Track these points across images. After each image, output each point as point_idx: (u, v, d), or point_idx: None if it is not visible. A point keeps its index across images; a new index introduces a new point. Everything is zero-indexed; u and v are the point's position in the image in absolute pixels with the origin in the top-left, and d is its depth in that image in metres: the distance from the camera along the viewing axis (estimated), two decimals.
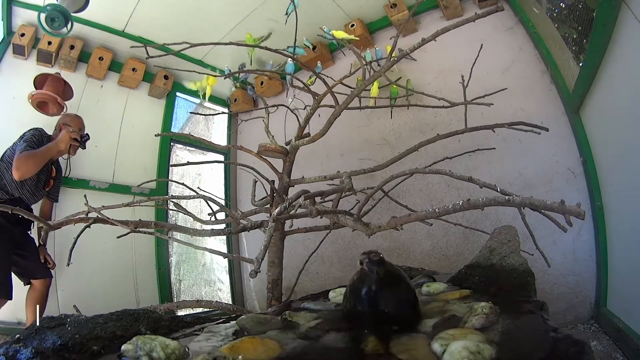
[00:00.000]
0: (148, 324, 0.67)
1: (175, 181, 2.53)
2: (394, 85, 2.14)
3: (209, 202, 1.79)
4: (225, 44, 1.63)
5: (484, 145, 1.89)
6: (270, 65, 2.63)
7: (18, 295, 1.80)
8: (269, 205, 1.70)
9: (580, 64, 1.65)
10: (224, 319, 0.78)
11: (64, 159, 2.21)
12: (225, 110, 3.31)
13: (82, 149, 2.11)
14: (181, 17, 2.47)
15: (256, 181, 1.86)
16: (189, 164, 2.60)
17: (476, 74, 1.75)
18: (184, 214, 1.78)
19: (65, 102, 2.21)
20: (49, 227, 1.20)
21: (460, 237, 2.08)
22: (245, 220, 1.66)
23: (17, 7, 2.25)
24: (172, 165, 2.92)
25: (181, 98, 3.13)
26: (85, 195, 1.49)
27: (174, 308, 1.71)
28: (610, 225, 1.56)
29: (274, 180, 1.66)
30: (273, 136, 1.90)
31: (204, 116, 3.25)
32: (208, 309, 1.97)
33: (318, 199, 1.56)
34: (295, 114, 2.05)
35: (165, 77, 2.82)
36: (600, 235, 1.63)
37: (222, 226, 1.79)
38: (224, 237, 3.06)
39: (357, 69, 1.87)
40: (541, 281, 1.33)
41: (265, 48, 1.63)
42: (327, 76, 1.88)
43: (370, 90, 2.35)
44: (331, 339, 0.61)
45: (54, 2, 1.97)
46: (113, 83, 2.69)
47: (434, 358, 0.50)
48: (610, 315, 1.49)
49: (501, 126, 1.63)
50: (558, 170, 1.88)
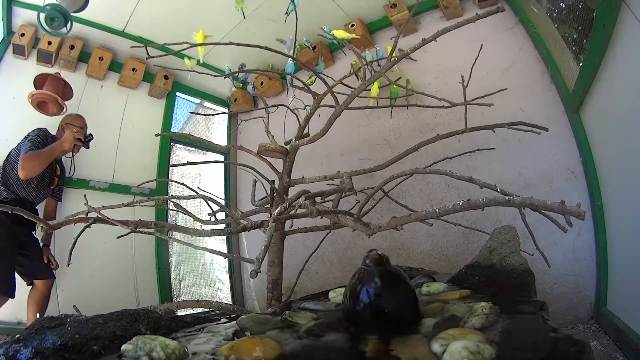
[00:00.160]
0: (148, 324, 0.67)
1: (175, 181, 2.53)
2: (394, 85, 2.14)
3: (209, 202, 1.79)
4: (225, 44, 1.62)
5: (484, 145, 1.89)
6: (290, 41, 2.40)
7: (19, 295, 1.80)
8: (269, 205, 1.70)
9: (580, 64, 1.65)
10: (224, 319, 0.78)
11: (68, 158, 2.23)
12: (225, 110, 3.31)
13: (86, 149, 2.14)
14: (181, 17, 2.47)
15: (256, 181, 1.86)
16: (189, 164, 2.60)
17: (476, 74, 1.75)
18: (184, 214, 1.78)
19: (65, 102, 2.21)
20: (49, 227, 1.20)
21: (460, 237, 2.08)
22: (245, 220, 1.66)
23: (17, 7, 2.25)
24: (172, 165, 2.92)
25: (181, 98, 3.14)
26: (85, 195, 1.49)
27: (174, 308, 1.71)
28: (610, 225, 1.56)
29: (274, 180, 1.66)
30: (273, 136, 1.89)
31: (204, 116, 3.25)
32: (208, 309, 1.97)
33: (318, 199, 1.57)
34: (295, 114, 2.05)
35: (165, 77, 2.82)
36: (600, 235, 1.63)
37: (222, 226, 1.79)
38: (224, 237, 3.06)
39: (358, 69, 1.87)
40: (541, 281, 1.33)
41: (266, 48, 1.63)
42: (327, 76, 1.87)
43: (371, 90, 2.35)
44: (331, 339, 0.61)
45: (54, 2, 1.97)
46: (113, 83, 2.69)
47: (434, 358, 0.50)
48: (610, 315, 1.49)
49: (501, 126, 1.63)
50: (558, 170, 1.88)
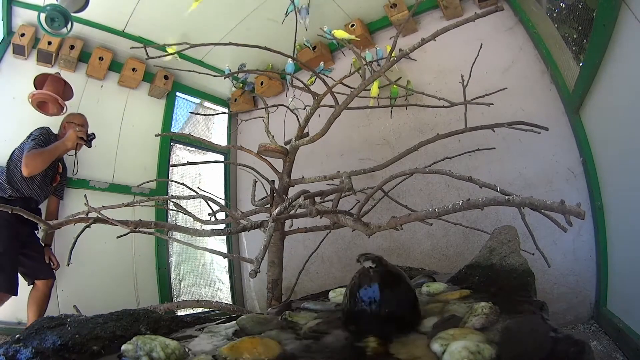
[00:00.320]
0: (148, 324, 0.67)
1: (175, 181, 2.53)
2: (394, 85, 2.14)
3: (209, 202, 1.79)
4: (225, 44, 1.62)
5: (484, 145, 1.89)
6: (305, 11, 2.25)
7: (20, 294, 1.80)
8: (269, 205, 1.70)
9: (580, 64, 1.65)
10: (224, 319, 0.78)
11: (70, 156, 2.24)
12: (225, 110, 3.31)
13: (88, 148, 2.16)
14: (181, 17, 2.47)
15: (256, 181, 1.86)
16: (189, 164, 2.60)
17: (476, 74, 1.74)
18: (184, 214, 1.78)
19: (65, 102, 2.21)
20: (49, 227, 1.19)
21: (460, 237, 2.08)
22: (245, 220, 1.66)
23: (17, 7, 2.25)
24: (172, 165, 2.92)
25: (181, 98, 3.14)
26: (85, 195, 1.49)
27: (174, 308, 1.71)
28: (610, 225, 1.56)
29: (274, 180, 1.66)
30: (273, 136, 1.89)
31: (204, 116, 3.25)
32: (208, 309, 1.97)
33: (318, 199, 1.57)
34: (295, 114, 2.05)
35: (165, 77, 2.82)
36: (600, 235, 1.63)
37: (222, 226, 1.79)
38: (224, 237, 3.06)
39: (358, 69, 1.87)
40: (541, 281, 1.33)
41: (265, 48, 1.63)
42: (327, 76, 1.87)
43: (371, 90, 2.35)
44: (331, 339, 0.61)
45: (54, 3, 1.97)
46: (113, 83, 2.69)
47: (434, 358, 0.50)
48: (610, 315, 1.49)
49: (501, 126, 1.63)
50: (558, 170, 1.88)
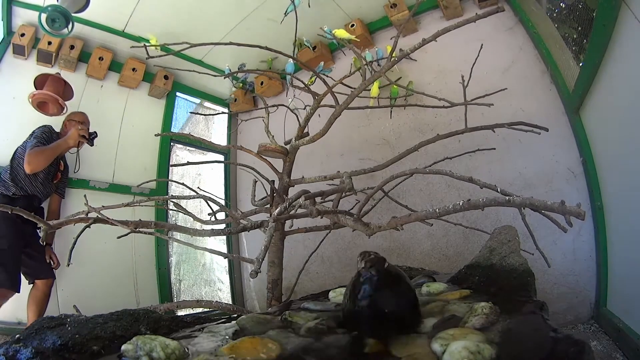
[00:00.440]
0: (148, 324, 0.67)
1: (175, 181, 2.52)
2: (394, 85, 2.14)
3: (209, 202, 1.79)
4: (225, 44, 1.62)
5: (484, 145, 1.89)
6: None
7: (19, 294, 1.80)
8: (269, 205, 1.70)
9: (580, 64, 1.65)
10: (224, 319, 0.78)
11: (72, 154, 2.25)
12: (225, 110, 3.31)
13: (90, 146, 2.17)
14: (181, 17, 2.47)
15: (256, 181, 1.86)
16: (189, 164, 2.60)
17: (476, 74, 1.74)
18: (184, 214, 1.77)
19: (66, 102, 2.21)
20: (49, 227, 1.19)
21: (460, 237, 2.08)
22: (245, 220, 1.66)
23: (17, 7, 2.25)
24: (172, 165, 2.92)
25: (181, 98, 3.14)
26: (85, 195, 1.49)
27: (174, 308, 1.71)
28: (610, 225, 1.56)
29: (274, 180, 1.66)
30: (273, 136, 1.89)
31: (204, 116, 3.25)
32: (208, 309, 1.97)
33: (318, 199, 1.56)
34: (295, 114, 2.05)
35: (165, 77, 2.82)
36: (600, 235, 1.63)
37: (222, 226, 1.79)
38: (224, 237, 3.06)
39: (358, 68, 1.87)
40: (541, 281, 1.33)
41: (266, 48, 1.63)
42: (327, 76, 1.87)
43: (371, 90, 2.35)
44: (331, 339, 0.61)
45: (55, 3, 1.97)
46: (113, 83, 2.69)
47: (434, 358, 0.50)
48: (610, 315, 1.48)
49: (501, 126, 1.63)
50: (558, 170, 1.88)
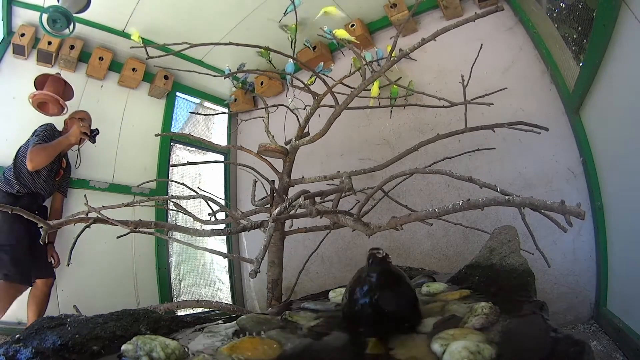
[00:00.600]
0: (148, 324, 0.67)
1: (175, 181, 2.52)
2: (394, 85, 2.14)
3: (209, 202, 1.79)
4: (225, 44, 1.62)
5: (484, 145, 1.89)
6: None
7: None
8: (269, 205, 1.70)
9: (580, 64, 1.65)
10: (224, 319, 0.78)
11: (73, 152, 2.25)
12: (225, 110, 3.31)
13: (92, 143, 2.19)
14: (181, 17, 2.47)
15: (256, 181, 1.86)
16: (189, 164, 2.59)
17: (476, 74, 1.74)
18: (184, 214, 1.77)
19: (66, 103, 2.21)
20: (49, 227, 1.19)
21: (460, 237, 2.07)
22: (245, 220, 1.66)
23: (17, 7, 2.25)
24: (172, 165, 2.92)
25: (181, 98, 3.14)
26: (85, 195, 1.49)
27: (174, 308, 1.71)
28: (610, 225, 1.56)
29: (274, 180, 1.66)
30: (273, 136, 1.89)
31: (204, 116, 3.25)
32: (208, 309, 1.96)
33: (318, 199, 1.56)
34: (295, 114, 2.05)
35: (165, 77, 2.82)
36: (600, 235, 1.62)
37: (222, 226, 1.79)
38: (224, 237, 3.06)
39: (358, 68, 1.87)
40: (541, 281, 1.33)
41: (266, 48, 1.63)
42: (327, 76, 1.87)
43: (371, 90, 2.35)
44: (331, 339, 0.61)
45: (56, 4, 1.97)
46: (113, 83, 2.69)
47: (434, 358, 0.50)
48: (610, 315, 1.48)
49: (501, 126, 1.63)
50: (558, 170, 1.88)
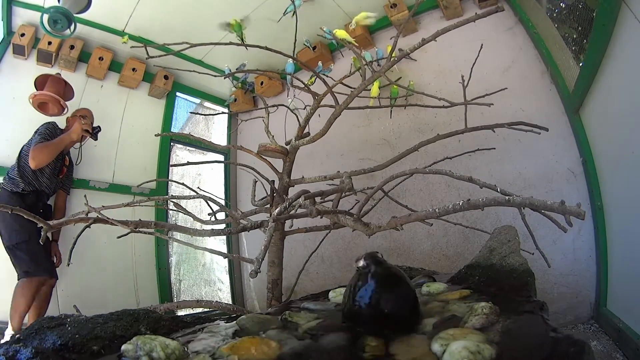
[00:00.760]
0: (148, 324, 0.67)
1: (175, 181, 2.52)
2: (394, 85, 2.14)
3: (209, 202, 1.79)
4: (225, 44, 1.63)
5: (484, 145, 1.89)
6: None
7: None
8: (269, 205, 1.70)
9: (580, 64, 1.65)
10: (224, 319, 0.78)
11: (75, 149, 2.26)
12: (225, 110, 3.31)
13: (94, 140, 2.20)
14: (181, 17, 2.47)
15: (256, 181, 1.86)
16: (189, 164, 2.59)
17: (476, 74, 1.75)
18: (184, 214, 1.78)
19: (66, 103, 2.21)
20: (49, 227, 1.19)
21: (460, 237, 2.08)
22: (245, 220, 1.66)
23: (17, 7, 2.25)
24: (172, 165, 2.92)
25: (181, 98, 3.14)
26: (85, 195, 1.49)
27: (174, 308, 1.71)
28: (610, 225, 1.56)
29: (274, 180, 1.66)
30: (273, 136, 1.89)
31: (204, 116, 3.25)
32: (208, 309, 1.97)
33: (318, 199, 1.56)
34: (295, 114, 2.05)
35: (165, 77, 2.82)
36: (600, 235, 1.62)
37: (222, 226, 1.79)
38: (224, 237, 3.06)
39: (358, 68, 1.87)
40: (541, 281, 1.33)
41: (266, 48, 1.63)
42: (327, 76, 1.87)
43: (371, 90, 2.35)
44: (331, 339, 0.61)
45: (57, 5, 1.97)
46: (113, 83, 2.69)
47: (434, 358, 0.50)
48: (610, 315, 1.48)
49: (501, 126, 1.63)
50: (558, 170, 1.88)
